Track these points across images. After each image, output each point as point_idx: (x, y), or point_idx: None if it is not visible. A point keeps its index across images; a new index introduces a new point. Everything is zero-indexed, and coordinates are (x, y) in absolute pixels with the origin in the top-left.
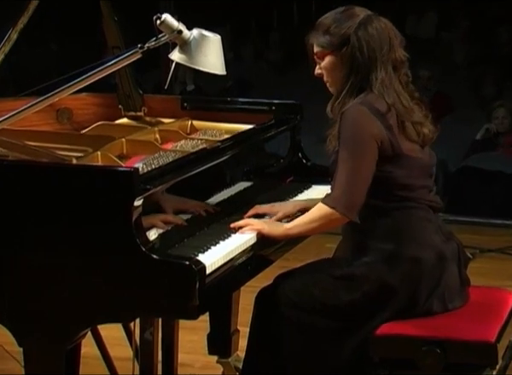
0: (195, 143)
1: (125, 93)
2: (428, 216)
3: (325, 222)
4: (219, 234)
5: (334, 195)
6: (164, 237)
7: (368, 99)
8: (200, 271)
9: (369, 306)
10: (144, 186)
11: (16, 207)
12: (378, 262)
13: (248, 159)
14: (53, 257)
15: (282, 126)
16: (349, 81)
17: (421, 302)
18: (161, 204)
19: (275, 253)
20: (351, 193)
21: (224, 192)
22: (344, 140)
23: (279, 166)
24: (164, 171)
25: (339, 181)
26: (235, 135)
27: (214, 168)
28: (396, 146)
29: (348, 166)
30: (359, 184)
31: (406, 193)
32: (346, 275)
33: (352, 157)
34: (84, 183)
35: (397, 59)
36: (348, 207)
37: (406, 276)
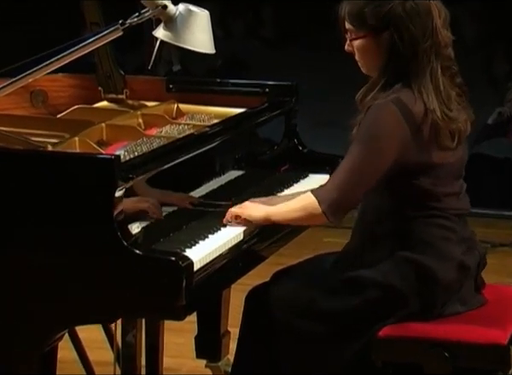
0: (182, 128)
1: (104, 73)
2: (451, 224)
3: (305, 214)
4: (208, 228)
5: (326, 189)
6: (148, 231)
7: (403, 97)
8: (187, 267)
9: (374, 313)
10: (126, 175)
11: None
12: (389, 267)
13: (239, 146)
14: (25, 253)
15: (277, 110)
16: (386, 73)
17: (434, 311)
18: (145, 194)
19: (268, 248)
20: (344, 194)
21: (214, 181)
22: (361, 135)
23: (273, 153)
24: (148, 159)
25: (337, 176)
26: (225, 120)
27: (202, 155)
28: (424, 155)
29: (354, 163)
30: (358, 187)
31: (431, 202)
32: (352, 278)
33: (361, 155)
34: (60, 172)
35: (440, 44)
36: (334, 208)
37: (420, 287)
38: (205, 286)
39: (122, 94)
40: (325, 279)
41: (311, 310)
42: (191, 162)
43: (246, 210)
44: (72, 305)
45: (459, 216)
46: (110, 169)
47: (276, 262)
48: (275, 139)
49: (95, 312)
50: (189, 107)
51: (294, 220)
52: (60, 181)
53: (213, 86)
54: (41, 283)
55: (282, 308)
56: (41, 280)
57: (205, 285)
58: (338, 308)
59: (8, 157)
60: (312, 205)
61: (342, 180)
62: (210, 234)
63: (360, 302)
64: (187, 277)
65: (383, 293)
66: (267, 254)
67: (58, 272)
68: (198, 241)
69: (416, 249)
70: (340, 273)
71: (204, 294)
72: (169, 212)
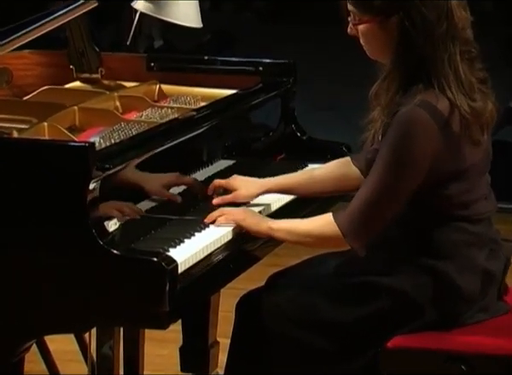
0: (165, 112)
1: (77, 50)
2: (475, 228)
3: (323, 242)
4: (194, 225)
5: (351, 217)
6: (127, 228)
7: (427, 98)
8: (170, 269)
9: (385, 324)
10: (102, 165)
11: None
12: (404, 274)
13: (230, 132)
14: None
15: (272, 91)
16: (399, 66)
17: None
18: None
19: (263, 248)
20: (372, 219)
21: (201, 172)
22: (391, 150)
23: (268, 141)
24: (126, 147)
25: (363, 199)
26: (213, 103)
27: (188, 143)
28: (456, 159)
29: (382, 184)
30: (386, 211)
31: (459, 210)
32: (360, 284)
33: (391, 175)
34: (27, 162)
35: (457, 26)
36: (359, 236)
37: (438, 297)
38: (191, 291)
39: (97, 73)
40: (329, 285)
41: (312, 320)
42: (175, 150)
43: (246, 219)
44: (39, 312)
45: (485, 218)
46: (83, 158)
47: (272, 263)
48: (270, 124)
49: (66, 320)
50: (172, 88)
51: (307, 244)
52: (26, 173)
53: (200, 64)
54: (3, 285)
55: (279, 316)
56: (3, 282)
57: (191, 290)
58: (344, 318)
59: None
60: (334, 235)
61: (369, 204)
62: (197, 232)
63: (369, 311)
64: (171, 280)
65: (396, 302)
66: (262, 254)
67: (24, 273)
68: (183, 240)
69: (434, 254)
70: (347, 277)
71: (190, 299)
72: (151, 207)
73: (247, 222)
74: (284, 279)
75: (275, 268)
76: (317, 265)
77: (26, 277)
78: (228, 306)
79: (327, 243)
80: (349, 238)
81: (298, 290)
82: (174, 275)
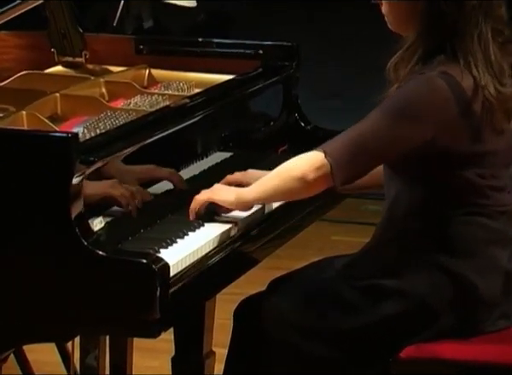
0: (155, 100)
1: (59, 31)
2: (497, 225)
3: (302, 175)
4: (188, 223)
5: (335, 144)
6: (113, 226)
7: (450, 71)
8: (161, 272)
9: (397, 332)
10: (86, 158)
11: None
12: (418, 275)
13: (227, 122)
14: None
15: (273, 76)
16: (425, 37)
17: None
18: None
19: (263, 249)
20: (355, 156)
21: (195, 166)
22: (395, 99)
23: (268, 131)
24: (112, 138)
25: (353, 134)
26: (208, 89)
27: (181, 134)
28: (474, 141)
29: (376, 126)
30: (371, 156)
31: (475, 198)
32: (370, 287)
33: (388, 120)
34: (3, 154)
35: (492, 2)
36: (343, 168)
37: (455, 301)
38: (184, 296)
39: (80, 56)
40: (335, 289)
41: (317, 328)
42: (166, 142)
43: (210, 196)
44: (17, 318)
45: (506, 213)
46: (66, 150)
47: (273, 265)
48: (271, 113)
49: (46, 327)
50: (163, 74)
51: (285, 188)
52: (2, 166)
53: (194, 47)
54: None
55: (282, 324)
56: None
57: (184, 295)
58: (351, 325)
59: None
60: (316, 158)
61: (354, 142)
62: (190, 231)
63: (379, 318)
64: (162, 284)
65: (408, 307)
66: (262, 256)
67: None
68: (175, 240)
69: (452, 254)
70: (354, 280)
71: (183, 305)
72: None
73: (214, 197)
74: (287, 283)
75: (276, 271)
76: (324, 268)
77: (3, 280)
78: (225, 313)
79: (307, 177)
80: (334, 165)
81: (302, 295)
82: (165, 279)
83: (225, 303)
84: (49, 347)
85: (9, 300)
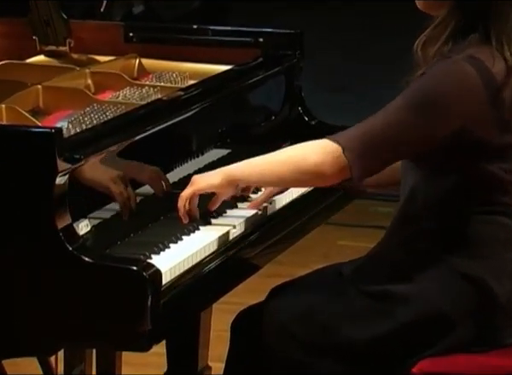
0: (146, 92)
1: (41, 18)
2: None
3: (316, 167)
4: (181, 227)
5: (350, 134)
6: (101, 230)
7: (480, 55)
8: (153, 280)
9: (410, 343)
10: (71, 155)
11: None
12: (432, 280)
13: (224, 116)
14: None
15: (275, 67)
16: (456, 14)
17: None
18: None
19: (263, 254)
20: (374, 150)
21: (190, 164)
22: (417, 88)
23: (270, 126)
24: (100, 134)
25: (369, 126)
26: (204, 81)
27: (174, 129)
28: (503, 131)
29: (396, 118)
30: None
31: (496, 194)
32: (380, 295)
33: (409, 112)
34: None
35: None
36: (362, 159)
37: (473, 308)
38: (177, 306)
39: (65, 45)
40: (343, 298)
41: (323, 342)
42: (159, 138)
43: (199, 184)
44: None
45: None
46: (49, 146)
47: (275, 272)
48: (272, 106)
49: (28, 340)
50: (155, 64)
51: (287, 174)
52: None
53: (188, 35)
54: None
55: (283, 337)
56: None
57: (177, 304)
58: (359, 336)
59: None
60: (331, 149)
61: (374, 133)
62: (184, 235)
63: (390, 328)
64: (153, 292)
65: (423, 316)
66: (262, 262)
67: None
68: (168, 245)
69: (469, 256)
70: (363, 287)
71: (176, 316)
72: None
73: (200, 183)
74: (289, 292)
75: (277, 278)
76: (329, 275)
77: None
78: (222, 324)
79: (318, 166)
80: (348, 151)
81: (306, 305)
82: (157, 287)
83: (222, 314)
84: (31, 360)
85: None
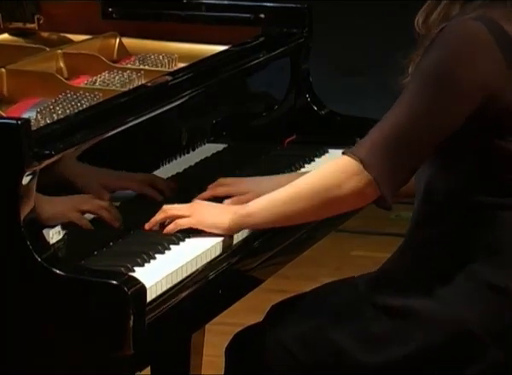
0: (128, 77)
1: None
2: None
3: (340, 196)
4: (169, 235)
5: (369, 145)
6: (74, 238)
7: (492, 14)
8: (136, 296)
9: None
10: (40, 150)
11: None
12: (455, 292)
13: (219, 105)
14: None
15: (278, 47)
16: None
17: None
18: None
19: (265, 267)
20: (397, 155)
21: (179, 161)
22: (425, 68)
23: (272, 117)
24: (74, 126)
25: (386, 129)
26: (195, 64)
27: (161, 120)
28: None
29: (412, 111)
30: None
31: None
32: (398, 312)
33: (425, 99)
34: None
35: None
36: (386, 173)
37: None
38: (164, 326)
39: (33, 22)
40: (356, 316)
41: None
42: (143, 130)
43: (202, 221)
44: None
45: None
46: (14, 140)
47: (278, 287)
48: (275, 94)
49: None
50: (138, 44)
51: (308, 208)
52: None
53: (178, 10)
54: None
55: (286, 364)
56: None
57: (164, 325)
58: (372, 359)
59: None
60: (353, 169)
61: (392, 138)
62: (173, 244)
63: (411, 350)
64: (136, 312)
65: (447, 335)
66: (264, 275)
67: None
68: (154, 255)
69: (496, 263)
70: (378, 302)
71: (163, 339)
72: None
73: (204, 220)
74: (293, 310)
75: (282, 294)
76: (340, 290)
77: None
78: (215, 348)
79: (348, 191)
80: (371, 168)
81: (312, 325)
82: (141, 305)
83: (216, 336)
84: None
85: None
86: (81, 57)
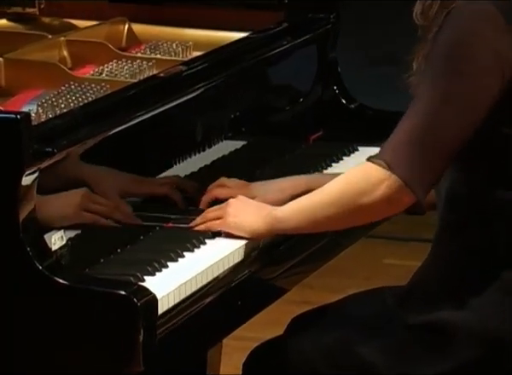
0: (138, 67)
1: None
2: None
3: (372, 201)
4: (183, 241)
5: (393, 146)
6: (79, 244)
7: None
8: (147, 308)
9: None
10: (41, 147)
11: None
12: (492, 304)
13: (238, 99)
14: None
15: (303, 35)
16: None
17: None
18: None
19: (288, 275)
20: (428, 148)
21: (194, 159)
22: (439, 52)
23: (297, 111)
24: (78, 121)
25: (406, 130)
26: (212, 53)
27: (174, 115)
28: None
29: (433, 99)
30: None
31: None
32: (430, 325)
33: (443, 93)
34: None
35: None
36: (415, 173)
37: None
38: (177, 341)
39: (34, 6)
40: (385, 331)
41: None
42: (154, 126)
43: (232, 221)
44: None
45: None
46: (13, 136)
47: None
48: (300, 86)
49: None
50: (149, 30)
51: (340, 215)
52: None
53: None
54: None
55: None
56: None
57: (177, 340)
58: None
59: None
60: (380, 174)
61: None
62: (187, 251)
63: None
64: (147, 325)
65: (486, 352)
66: (287, 285)
67: None
68: (166, 263)
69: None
70: (410, 317)
71: (176, 355)
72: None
73: (235, 224)
74: (315, 321)
75: (305, 306)
76: (369, 302)
77: None
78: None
79: (372, 201)
80: (399, 170)
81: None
82: (152, 317)
83: (234, 352)
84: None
85: None
86: (86, 45)
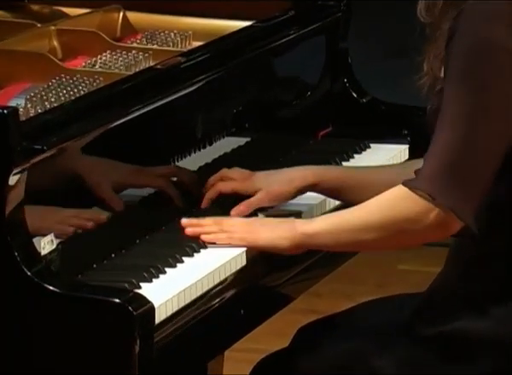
0: (133, 58)
1: None
2: None
3: (406, 229)
4: (181, 245)
5: (433, 173)
6: (70, 248)
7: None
8: (143, 317)
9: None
10: (30, 144)
11: None
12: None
13: (241, 92)
14: None
15: (311, 23)
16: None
17: None
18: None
19: (295, 282)
20: (467, 170)
21: (194, 157)
22: (459, 64)
23: (304, 105)
24: (70, 116)
25: (442, 147)
26: (213, 43)
27: (172, 109)
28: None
29: (465, 116)
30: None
31: None
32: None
33: (472, 100)
34: None
35: None
36: (461, 200)
37: None
38: (176, 353)
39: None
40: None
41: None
42: (151, 121)
43: (258, 238)
44: None
45: None
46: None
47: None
48: (308, 78)
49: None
50: (146, 19)
51: (378, 242)
52: None
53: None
54: None
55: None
56: None
57: (176, 351)
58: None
59: None
60: (424, 206)
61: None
62: (186, 256)
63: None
64: (143, 335)
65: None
66: (294, 293)
67: None
68: (164, 269)
69: None
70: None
71: (175, 367)
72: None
73: (260, 238)
74: (324, 331)
75: (312, 315)
76: (383, 311)
77: None
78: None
79: (415, 231)
80: (443, 199)
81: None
82: (149, 327)
83: (236, 364)
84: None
85: None
86: (78, 34)
